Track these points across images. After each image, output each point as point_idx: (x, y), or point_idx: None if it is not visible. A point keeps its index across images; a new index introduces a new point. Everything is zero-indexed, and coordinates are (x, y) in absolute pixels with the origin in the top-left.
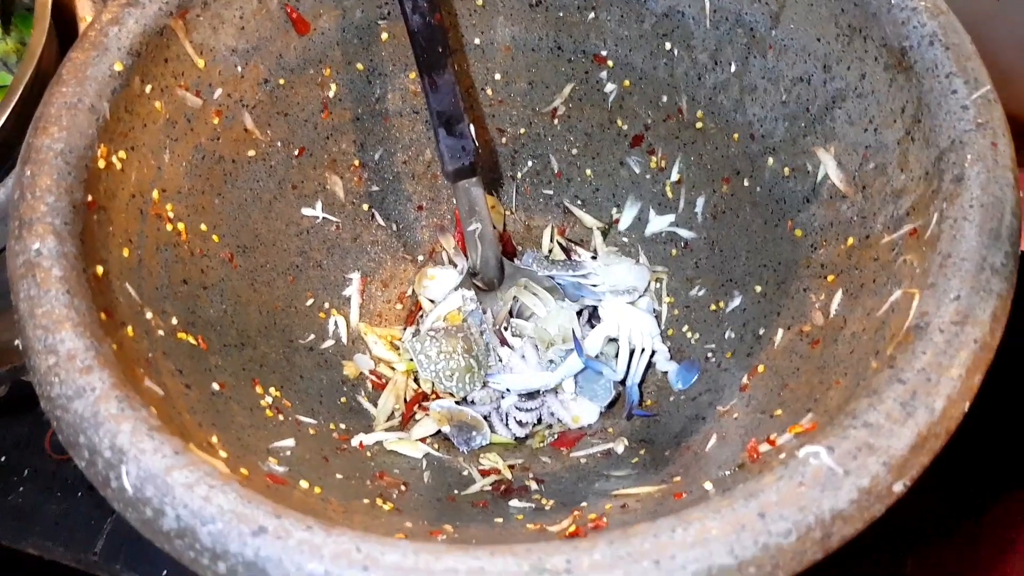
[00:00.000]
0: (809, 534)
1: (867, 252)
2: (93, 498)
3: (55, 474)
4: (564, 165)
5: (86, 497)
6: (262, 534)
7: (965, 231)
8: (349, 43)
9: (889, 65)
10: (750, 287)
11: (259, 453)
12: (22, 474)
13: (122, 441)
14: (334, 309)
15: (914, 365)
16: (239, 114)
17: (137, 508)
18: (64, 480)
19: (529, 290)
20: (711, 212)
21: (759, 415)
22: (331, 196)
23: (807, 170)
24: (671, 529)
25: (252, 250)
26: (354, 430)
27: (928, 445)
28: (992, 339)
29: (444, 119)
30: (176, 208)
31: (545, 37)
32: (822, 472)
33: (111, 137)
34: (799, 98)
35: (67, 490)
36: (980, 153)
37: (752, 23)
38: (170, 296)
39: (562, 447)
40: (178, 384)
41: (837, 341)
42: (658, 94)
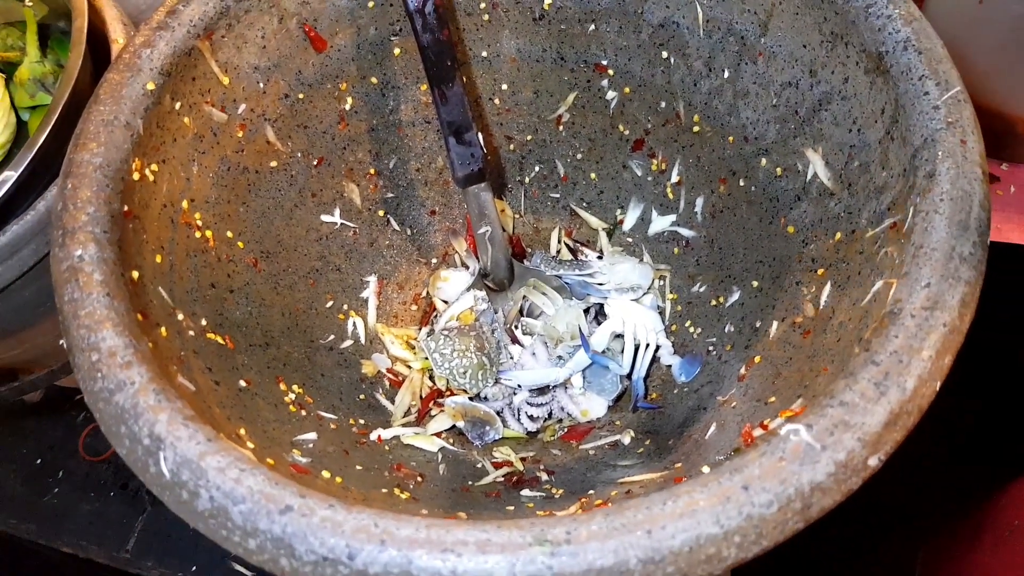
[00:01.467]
0: (790, 505)
1: (853, 246)
2: (125, 498)
3: (88, 475)
4: (570, 169)
5: (118, 497)
6: (288, 512)
7: (936, 223)
8: (364, 59)
9: (869, 69)
10: (747, 282)
11: (284, 445)
12: (57, 476)
13: (160, 430)
14: (352, 311)
15: (887, 348)
16: (261, 127)
17: (174, 491)
18: (97, 481)
19: (538, 289)
20: (710, 211)
21: (755, 403)
22: (348, 203)
23: (797, 170)
24: (662, 502)
25: (275, 255)
26: (372, 425)
27: (900, 422)
28: (961, 323)
29: (454, 128)
30: (204, 216)
31: (549, 49)
32: (801, 447)
33: (144, 151)
34: (788, 102)
35: (100, 491)
36: (950, 150)
37: (743, 32)
38: (199, 299)
39: (572, 440)
40: (208, 381)
41: (826, 331)
42: (657, 100)
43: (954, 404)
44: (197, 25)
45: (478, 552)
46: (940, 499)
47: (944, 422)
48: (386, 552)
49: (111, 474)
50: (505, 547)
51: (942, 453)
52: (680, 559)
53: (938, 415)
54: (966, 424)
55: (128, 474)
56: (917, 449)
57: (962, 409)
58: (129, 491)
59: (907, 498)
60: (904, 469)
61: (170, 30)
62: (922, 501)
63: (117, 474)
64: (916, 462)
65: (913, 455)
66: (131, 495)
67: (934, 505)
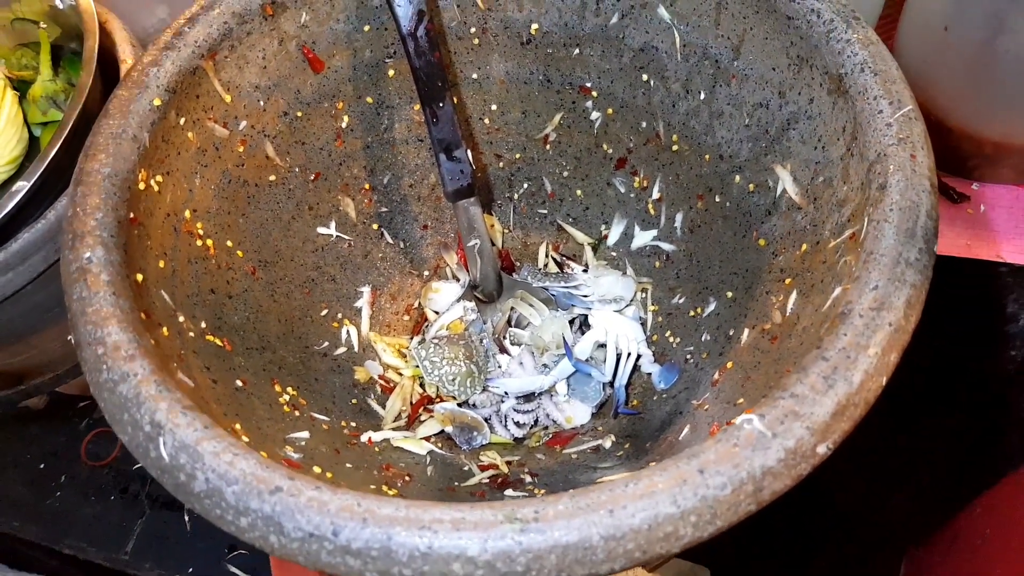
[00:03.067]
0: (742, 487)
1: (817, 256)
2: (125, 502)
3: (89, 480)
4: (556, 186)
5: (118, 501)
6: (278, 492)
7: (885, 231)
8: (360, 79)
9: (831, 90)
10: (723, 293)
11: (277, 442)
12: (59, 480)
13: (160, 417)
14: (346, 319)
15: (836, 345)
16: (261, 143)
17: (172, 474)
18: (98, 485)
19: (525, 301)
20: (688, 226)
21: (725, 405)
22: (344, 216)
23: (768, 185)
24: (624, 485)
25: (272, 265)
26: (364, 428)
27: (848, 413)
28: (907, 323)
29: (444, 146)
30: (205, 226)
31: (536, 71)
32: (754, 435)
33: (150, 163)
34: (759, 121)
35: (100, 495)
36: (900, 164)
37: (717, 56)
38: (199, 303)
39: (556, 445)
40: (206, 379)
41: (791, 336)
42: (638, 120)
43: (934, 417)
44: (201, 46)
45: (453, 529)
46: (922, 510)
47: (924, 434)
48: (368, 529)
49: (111, 479)
50: (478, 524)
51: (923, 464)
52: (640, 536)
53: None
54: (945, 436)
55: (127, 479)
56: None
57: (941, 421)
58: (129, 495)
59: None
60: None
61: (176, 50)
62: (904, 513)
63: (117, 479)
64: (892, 476)
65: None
66: (131, 499)
67: (916, 516)
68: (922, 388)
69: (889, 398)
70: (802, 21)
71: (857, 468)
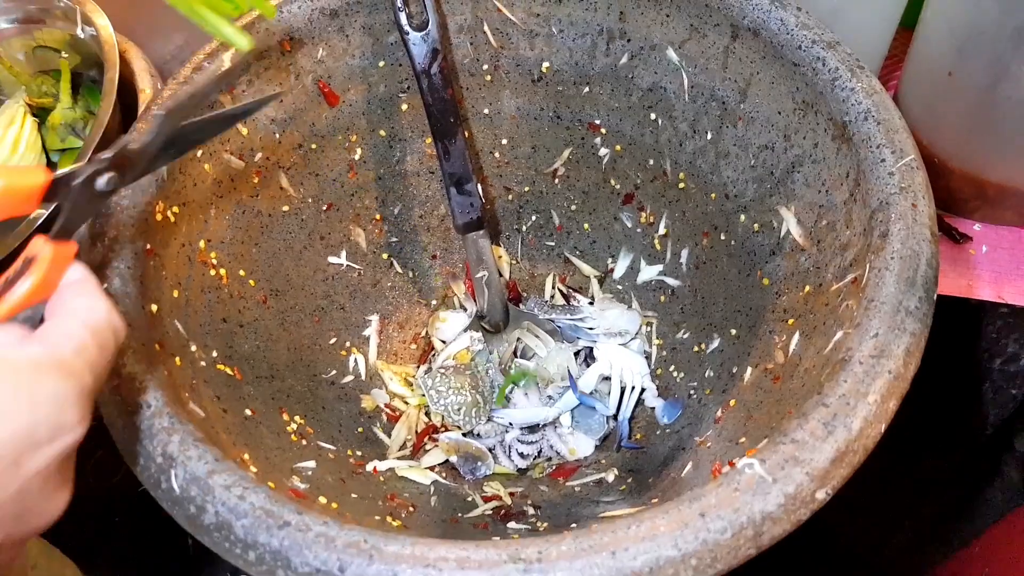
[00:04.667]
0: (742, 531)
1: (820, 298)
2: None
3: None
4: (564, 219)
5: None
6: (286, 527)
7: (886, 279)
8: (373, 113)
9: (835, 136)
10: (726, 330)
11: (284, 471)
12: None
13: (172, 449)
14: (354, 348)
15: (836, 392)
16: (276, 174)
17: (183, 506)
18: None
19: (531, 332)
20: (694, 263)
21: (727, 443)
22: (354, 246)
23: (773, 226)
24: (626, 526)
25: (283, 293)
26: (369, 457)
27: (847, 459)
28: (906, 371)
29: (455, 180)
30: (219, 256)
31: (546, 108)
32: (754, 479)
33: (167, 195)
34: (765, 163)
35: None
36: (902, 213)
37: (724, 97)
38: (211, 332)
39: (559, 477)
40: (216, 408)
41: (793, 376)
42: (646, 158)
43: (934, 456)
44: (220, 80)
45: (458, 568)
46: (920, 549)
47: (924, 473)
48: (374, 566)
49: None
50: (482, 564)
51: (923, 503)
52: None
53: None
54: (945, 475)
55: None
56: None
57: (941, 461)
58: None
59: (889, 549)
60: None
61: (194, 84)
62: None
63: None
64: (893, 514)
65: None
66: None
67: (914, 555)
68: (922, 427)
69: (889, 436)
70: (808, 68)
71: (856, 506)
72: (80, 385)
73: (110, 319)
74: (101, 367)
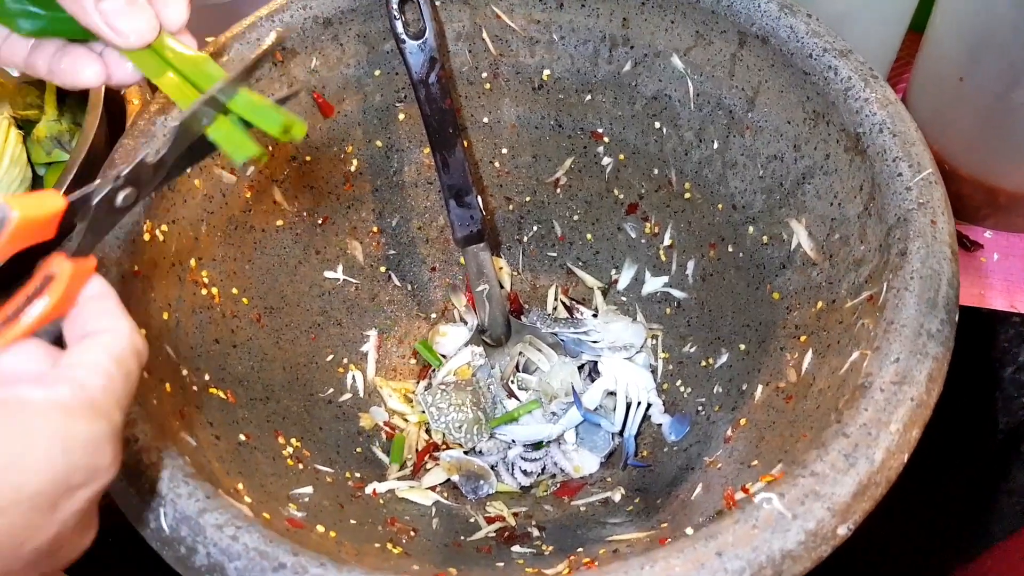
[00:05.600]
0: (761, 571)
1: (833, 315)
2: None
3: None
4: (567, 230)
5: None
6: (281, 570)
7: (906, 300)
8: (369, 123)
9: (848, 147)
10: (735, 345)
11: (280, 499)
12: None
13: (160, 487)
14: (352, 364)
15: (857, 420)
16: (269, 188)
17: (172, 546)
18: None
19: (534, 346)
20: (700, 275)
21: (739, 465)
22: (351, 260)
23: (782, 238)
24: (639, 567)
25: (278, 311)
26: (368, 478)
27: (869, 492)
28: (928, 397)
29: (454, 192)
30: (211, 274)
31: (547, 116)
32: (773, 516)
33: (155, 213)
34: (774, 173)
35: None
36: (920, 230)
37: (731, 106)
38: (203, 354)
39: (564, 496)
40: (208, 435)
41: (807, 397)
42: (650, 167)
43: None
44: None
45: None
46: (925, 560)
47: (931, 485)
48: None
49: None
50: None
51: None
52: None
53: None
54: (954, 487)
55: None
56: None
57: (949, 473)
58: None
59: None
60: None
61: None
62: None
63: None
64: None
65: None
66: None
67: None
68: (931, 436)
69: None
70: (819, 77)
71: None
72: (111, 425)
73: (133, 343)
74: (127, 400)
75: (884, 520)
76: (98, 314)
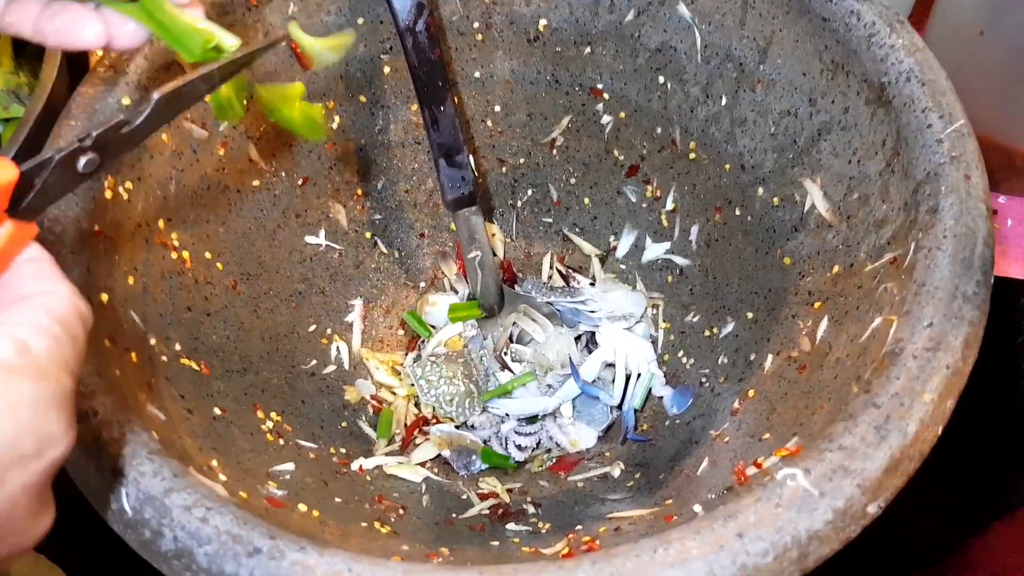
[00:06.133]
0: (786, 554)
1: (851, 280)
2: None
3: None
4: (563, 194)
5: None
6: (256, 555)
7: (939, 260)
8: (352, 76)
9: (870, 100)
10: (742, 313)
11: (259, 477)
12: None
13: (122, 464)
14: (336, 335)
15: (888, 390)
16: (244, 145)
17: (136, 530)
18: None
19: (528, 316)
20: (705, 240)
21: (748, 439)
22: (334, 224)
23: (795, 200)
24: (652, 550)
25: (256, 277)
26: (354, 454)
27: (902, 468)
28: (964, 365)
29: (444, 150)
30: (181, 237)
31: (543, 71)
32: (799, 494)
33: (118, 168)
34: (787, 130)
35: None
36: (953, 185)
37: (741, 58)
38: (174, 323)
39: (560, 471)
40: (180, 409)
41: (823, 367)
42: (652, 126)
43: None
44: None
45: None
46: (928, 541)
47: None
48: None
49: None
50: None
51: (939, 486)
52: None
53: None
54: (963, 458)
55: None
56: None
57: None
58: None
59: (893, 540)
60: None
61: (149, 42)
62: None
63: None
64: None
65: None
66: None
67: (922, 547)
68: None
69: None
70: (839, 23)
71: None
72: (60, 389)
73: (75, 304)
74: (77, 366)
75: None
76: (34, 276)
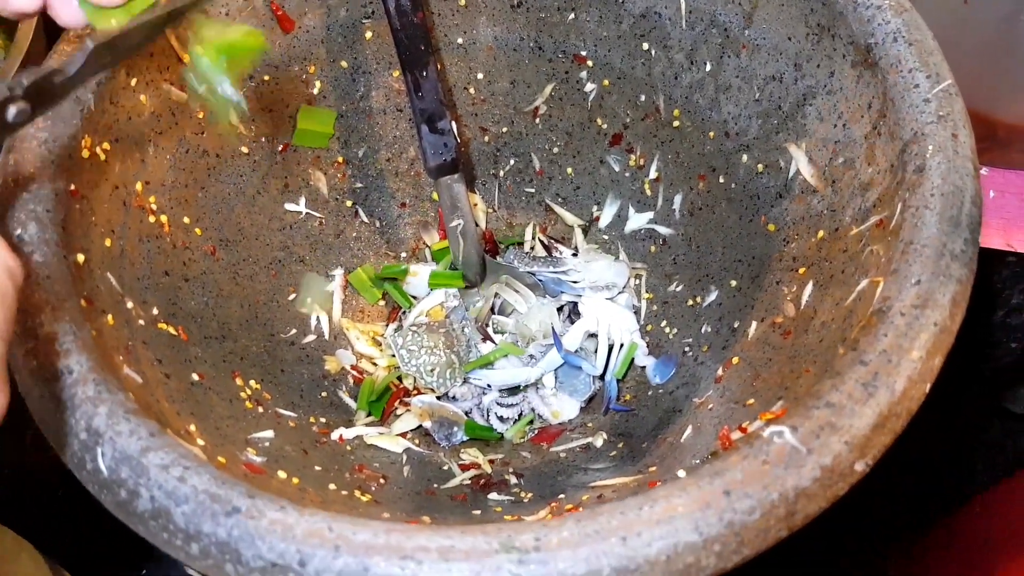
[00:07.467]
0: (773, 511)
1: (836, 244)
2: None
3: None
4: (545, 163)
5: None
6: (235, 514)
7: (926, 219)
8: (334, 41)
9: (856, 62)
10: (726, 282)
11: (237, 443)
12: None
13: (98, 423)
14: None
15: (876, 347)
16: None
17: (112, 490)
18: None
19: (510, 286)
20: (688, 209)
21: (733, 405)
22: (315, 192)
23: (779, 166)
24: (638, 507)
25: (235, 244)
26: (334, 424)
27: (889, 424)
28: (952, 323)
29: (426, 116)
30: (159, 200)
31: (526, 37)
32: (786, 451)
33: (95, 128)
34: (772, 96)
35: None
36: (941, 144)
37: (726, 23)
38: (152, 287)
39: (542, 442)
40: (157, 373)
41: (808, 331)
42: (636, 93)
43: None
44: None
45: (440, 559)
46: (911, 510)
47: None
48: (341, 559)
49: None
50: (470, 554)
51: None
52: (656, 568)
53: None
54: (944, 429)
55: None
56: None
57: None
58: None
59: (875, 509)
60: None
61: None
62: (891, 512)
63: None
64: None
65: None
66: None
67: (905, 516)
68: None
69: None
70: None
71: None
72: None
73: (3, 260)
74: (7, 327)
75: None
76: None
